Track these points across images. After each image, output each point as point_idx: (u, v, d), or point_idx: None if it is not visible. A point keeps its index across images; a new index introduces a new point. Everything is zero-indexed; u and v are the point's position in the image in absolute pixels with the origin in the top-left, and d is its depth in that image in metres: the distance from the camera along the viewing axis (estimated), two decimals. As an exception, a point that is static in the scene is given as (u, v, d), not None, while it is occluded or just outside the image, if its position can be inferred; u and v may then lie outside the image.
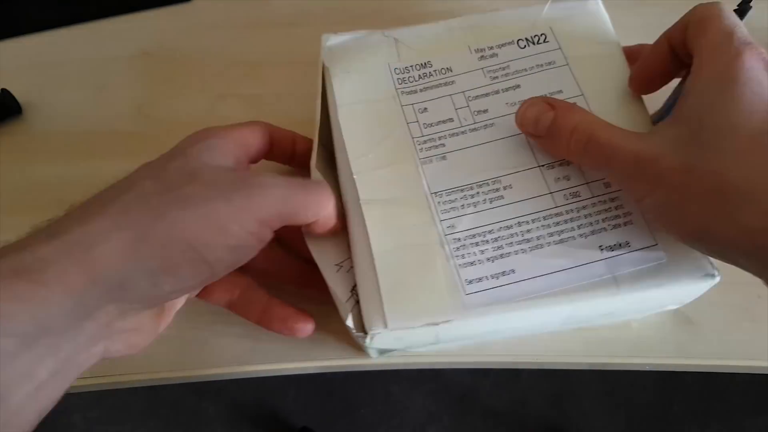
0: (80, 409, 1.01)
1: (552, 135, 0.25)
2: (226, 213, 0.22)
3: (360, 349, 0.28)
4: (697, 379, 1.00)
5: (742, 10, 0.30)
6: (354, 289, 0.26)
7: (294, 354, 0.30)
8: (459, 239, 0.26)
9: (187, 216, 0.21)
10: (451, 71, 0.30)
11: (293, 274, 0.29)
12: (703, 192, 0.21)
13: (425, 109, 0.29)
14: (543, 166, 0.27)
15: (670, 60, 0.26)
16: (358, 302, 0.25)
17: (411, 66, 0.30)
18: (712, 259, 0.24)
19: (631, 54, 0.29)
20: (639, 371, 0.30)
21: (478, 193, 0.27)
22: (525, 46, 0.30)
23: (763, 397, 0.98)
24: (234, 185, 0.22)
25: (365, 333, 0.24)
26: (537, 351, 0.30)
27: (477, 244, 0.26)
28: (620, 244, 0.25)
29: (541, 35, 0.30)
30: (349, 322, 0.25)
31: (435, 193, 0.27)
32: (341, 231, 0.27)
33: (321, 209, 0.25)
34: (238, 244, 0.23)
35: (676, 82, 0.28)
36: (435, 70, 0.30)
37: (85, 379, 0.30)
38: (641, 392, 1.00)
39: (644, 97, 0.28)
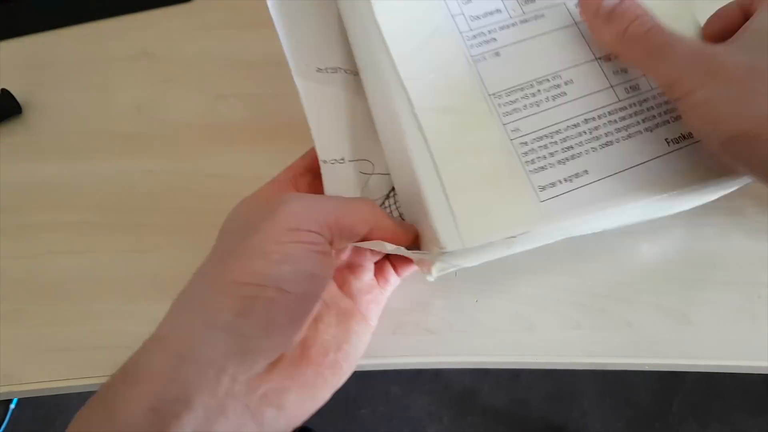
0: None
1: (612, 17, 0.24)
2: (256, 239, 0.21)
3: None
4: (697, 379, 1.00)
5: None
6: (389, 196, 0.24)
7: (294, 354, 0.30)
8: (526, 143, 0.24)
9: (228, 262, 0.21)
10: None
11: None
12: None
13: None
14: (600, 58, 0.26)
15: (741, 22, 0.24)
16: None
17: None
18: None
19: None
20: (639, 371, 0.30)
21: (539, 90, 0.25)
22: None
23: (763, 397, 0.98)
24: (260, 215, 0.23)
25: (439, 251, 0.23)
26: (537, 351, 0.30)
27: (546, 146, 0.24)
28: (684, 136, 0.25)
29: None
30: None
31: (493, 94, 0.25)
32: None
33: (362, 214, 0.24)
34: (285, 255, 0.21)
35: None
36: None
37: (85, 379, 0.30)
38: (641, 392, 1.00)
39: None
